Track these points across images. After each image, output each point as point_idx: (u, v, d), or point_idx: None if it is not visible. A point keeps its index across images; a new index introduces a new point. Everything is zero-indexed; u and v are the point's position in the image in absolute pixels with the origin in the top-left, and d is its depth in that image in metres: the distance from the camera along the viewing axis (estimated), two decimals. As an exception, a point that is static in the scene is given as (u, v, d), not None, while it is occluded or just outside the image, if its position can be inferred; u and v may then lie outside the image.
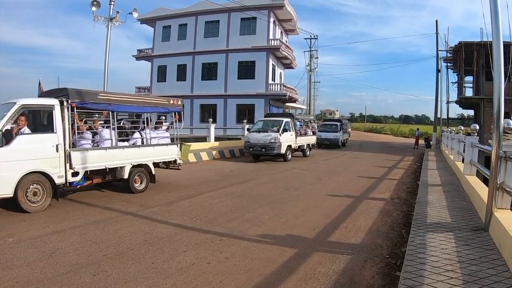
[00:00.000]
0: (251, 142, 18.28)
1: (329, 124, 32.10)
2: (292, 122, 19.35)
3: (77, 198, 8.71)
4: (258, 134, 18.46)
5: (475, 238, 4.96)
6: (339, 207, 8.49)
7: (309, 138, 22.03)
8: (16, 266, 4.63)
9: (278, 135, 17.75)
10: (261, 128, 19.11)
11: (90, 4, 15.10)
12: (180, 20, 39.12)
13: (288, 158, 18.67)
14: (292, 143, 19.04)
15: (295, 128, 19.54)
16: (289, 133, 18.80)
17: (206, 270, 4.70)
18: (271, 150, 17.66)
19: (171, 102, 11.06)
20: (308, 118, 24.04)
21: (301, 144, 20.50)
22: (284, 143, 18.06)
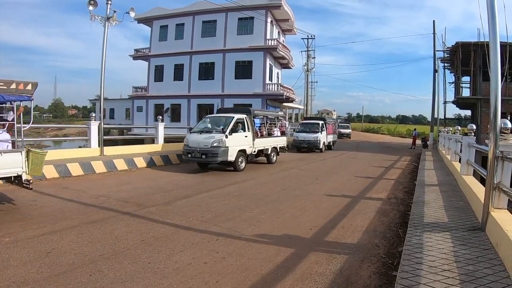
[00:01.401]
0: (190, 146, 14.01)
1: (309, 124, 27.25)
2: (248, 120, 15.15)
3: (74, 198, 8.68)
4: (198, 136, 14.11)
5: (472, 238, 4.97)
6: (336, 207, 8.49)
7: (274, 140, 17.93)
8: (12, 266, 4.61)
9: (224, 137, 13.49)
10: (205, 128, 14.93)
11: (87, 3, 15.05)
12: (177, 20, 39.16)
13: (241, 167, 14.38)
14: (246, 147, 14.86)
15: (253, 128, 15.38)
16: (241, 134, 14.65)
17: (203, 270, 4.69)
18: (214, 157, 13.42)
19: (12, 87, 7.13)
20: (274, 114, 19.38)
21: (264, 148, 16.64)
22: (234, 148, 13.90)
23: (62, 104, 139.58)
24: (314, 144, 25.11)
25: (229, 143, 13.68)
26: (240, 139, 14.59)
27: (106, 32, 15.71)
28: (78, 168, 12.23)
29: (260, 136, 16.39)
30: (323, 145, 25.64)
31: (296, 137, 25.81)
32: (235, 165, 14.17)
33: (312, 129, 26.00)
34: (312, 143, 25.16)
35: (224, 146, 13.50)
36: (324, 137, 25.93)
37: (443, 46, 31.59)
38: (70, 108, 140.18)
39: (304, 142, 25.31)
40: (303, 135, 25.63)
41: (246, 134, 14.98)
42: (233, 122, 14.26)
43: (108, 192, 9.58)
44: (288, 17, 39.33)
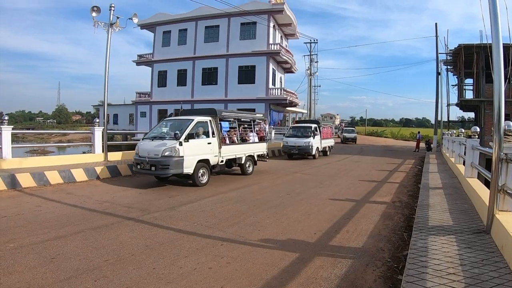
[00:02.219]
0: (140, 155, 11.63)
1: (300, 127, 24.62)
2: (213, 123, 12.73)
3: (78, 204, 8.70)
4: (149, 144, 11.71)
5: (477, 240, 4.94)
6: (341, 211, 8.48)
7: (250, 147, 15.35)
8: (17, 271, 4.62)
9: (177, 144, 11.08)
10: (159, 134, 12.37)
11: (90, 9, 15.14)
12: (180, 25, 39.37)
13: (202, 180, 11.87)
14: (210, 155, 12.39)
15: (219, 132, 12.98)
16: (202, 141, 12.22)
17: (208, 275, 4.68)
18: (164, 168, 10.97)
19: None
20: (250, 117, 16.32)
21: (236, 157, 14.30)
22: (191, 157, 11.44)
23: (66, 110, 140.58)
24: (306, 149, 22.80)
25: (185, 151, 11.22)
26: (201, 146, 12.09)
27: (110, 38, 15.79)
28: (82, 174, 12.26)
29: (230, 143, 14.16)
30: (316, 151, 23.52)
31: (286, 143, 23.64)
32: (193, 178, 11.61)
33: (303, 133, 23.62)
34: (303, 149, 22.85)
35: (177, 156, 11.05)
36: (317, 142, 23.76)
37: (446, 49, 31.59)
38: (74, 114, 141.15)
39: (295, 147, 22.99)
40: (293, 140, 23.32)
41: (209, 141, 12.45)
42: (191, 126, 11.73)
43: (112, 197, 9.60)
44: (291, 21, 39.44)
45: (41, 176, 11.10)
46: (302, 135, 23.46)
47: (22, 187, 10.41)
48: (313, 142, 22.92)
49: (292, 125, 28.56)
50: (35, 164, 12.61)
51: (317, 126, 24.37)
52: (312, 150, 22.80)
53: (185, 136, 11.33)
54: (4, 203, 8.63)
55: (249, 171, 15.08)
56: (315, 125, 24.42)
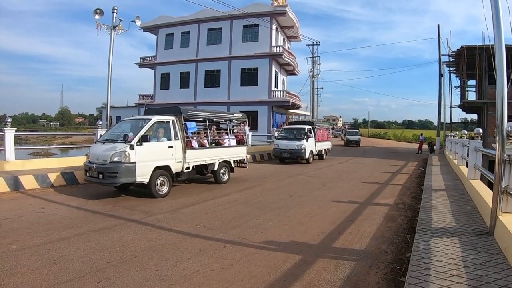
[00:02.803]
0: (90, 161, 10.20)
1: (292, 129, 23.14)
2: (176, 123, 10.97)
3: (81, 206, 8.72)
4: (100, 147, 10.22)
5: (480, 242, 4.93)
6: (344, 213, 8.46)
7: (225, 151, 13.38)
8: (20, 273, 4.63)
9: (127, 148, 9.42)
10: (113, 136, 10.75)
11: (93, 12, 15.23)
12: (182, 28, 39.44)
13: (161, 191, 10.11)
14: (171, 161, 10.58)
15: (184, 134, 11.10)
16: (161, 144, 10.53)
17: (210, 277, 4.68)
18: (112, 177, 9.32)
19: None
20: (225, 116, 14.43)
21: (207, 163, 12.38)
22: (146, 164, 9.76)
23: (69, 112, 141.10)
24: (298, 153, 21.20)
25: (138, 156, 9.54)
26: (159, 151, 10.37)
27: (112, 40, 15.86)
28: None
29: (199, 147, 12.16)
30: (310, 155, 21.85)
31: (277, 146, 22.08)
32: (150, 188, 9.89)
33: (295, 135, 22.05)
34: (295, 152, 21.24)
35: (127, 162, 9.39)
36: (311, 145, 22.17)
37: (448, 50, 31.62)
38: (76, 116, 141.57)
39: (286, 151, 21.41)
40: (284, 143, 21.69)
41: (170, 144, 10.68)
42: (147, 127, 10.01)
43: (115, 199, 9.62)
44: (293, 23, 39.48)
45: (44, 178, 11.12)
46: (295, 138, 21.90)
47: (25, 189, 10.43)
48: (306, 145, 21.33)
49: (284, 127, 26.60)
50: (38, 166, 12.64)
51: (311, 127, 22.76)
52: (305, 154, 21.25)
53: (138, 138, 9.65)
54: (7, 205, 8.66)
55: (223, 180, 13.03)
56: (309, 126, 22.83)
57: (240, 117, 14.95)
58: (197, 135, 12.47)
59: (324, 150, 24.85)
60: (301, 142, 21.24)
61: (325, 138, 25.40)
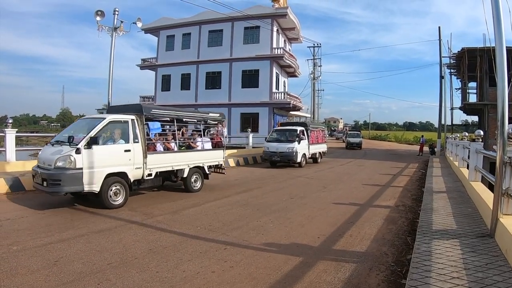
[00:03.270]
0: (38, 164, 9.00)
1: (283, 131, 21.83)
2: (136, 124, 9.58)
3: (82, 207, 8.72)
4: (48, 150, 8.95)
5: (481, 244, 4.92)
6: (344, 215, 8.46)
7: (195, 155, 11.78)
8: (20, 274, 4.63)
9: (73, 152, 8.17)
10: (63, 138, 9.06)
11: (95, 14, 15.26)
12: (183, 30, 39.42)
13: (115, 201, 8.86)
14: (128, 167, 9.23)
15: (145, 136, 9.72)
16: (117, 147, 9.12)
17: (211, 279, 4.68)
18: (55, 185, 8.08)
19: None
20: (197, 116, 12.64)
21: (177, 169, 11.00)
22: (96, 170, 8.48)
23: (70, 113, 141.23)
24: (289, 156, 19.88)
25: (85, 162, 8.29)
26: (113, 155, 8.99)
27: (114, 42, 15.89)
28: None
29: (165, 150, 10.75)
30: (303, 158, 20.58)
31: (267, 148, 20.59)
32: (102, 198, 8.59)
33: (287, 137, 20.77)
34: (286, 155, 19.92)
35: (73, 168, 8.13)
36: (304, 148, 20.94)
37: (449, 52, 31.58)
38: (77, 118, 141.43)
39: (276, 154, 20.05)
40: (275, 145, 20.33)
41: (127, 147, 9.26)
42: (99, 128, 8.70)
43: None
44: (294, 25, 39.48)
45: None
46: (286, 140, 20.56)
47: (26, 190, 10.44)
48: (298, 147, 20.07)
49: (275, 128, 24.71)
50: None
51: (304, 129, 21.55)
52: (297, 157, 19.92)
53: (86, 141, 8.36)
54: (7, 206, 8.66)
55: (195, 188, 11.54)
56: (301, 128, 21.56)
57: (217, 117, 13.16)
58: (162, 137, 11.05)
59: (318, 153, 23.66)
60: (293, 145, 19.94)
61: (320, 141, 24.28)
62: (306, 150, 21.23)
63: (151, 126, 10.40)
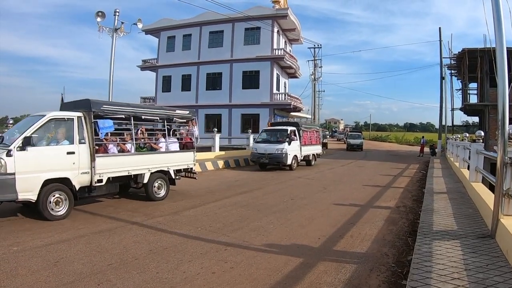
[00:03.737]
0: None
1: (273, 131, 20.61)
2: (84, 122, 8.48)
3: (82, 208, 8.71)
4: None
5: (481, 245, 4.91)
6: (345, 216, 8.45)
7: (158, 158, 10.32)
8: (21, 275, 4.63)
9: (3, 155, 7.06)
10: None
11: (95, 15, 15.28)
12: (184, 31, 39.42)
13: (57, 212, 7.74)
14: (72, 172, 8.08)
15: (92, 137, 8.50)
16: (57, 149, 7.96)
17: (211, 279, 4.67)
18: None
19: None
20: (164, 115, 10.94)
21: (135, 174, 9.64)
22: (32, 176, 7.35)
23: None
24: (278, 158, 18.52)
25: (19, 166, 7.15)
26: (52, 158, 7.78)
27: (114, 43, 15.91)
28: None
29: (119, 152, 9.40)
30: (294, 160, 19.29)
31: (255, 149, 19.41)
32: (40, 207, 7.46)
33: (277, 138, 19.49)
34: (275, 157, 18.55)
35: (3, 173, 7.00)
36: (295, 149, 19.59)
37: (450, 53, 31.55)
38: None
39: (264, 156, 18.71)
40: (263, 147, 19.06)
41: (70, 149, 8.10)
42: (36, 127, 7.60)
43: (116, 202, 9.61)
44: (295, 26, 39.47)
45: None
46: (276, 141, 19.21)
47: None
48: (289, 149, 18.70)
49: (264, 128, 22.93)
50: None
51: (295, 129, 20.30)
52: (287, 159, 18.55)
53: (19, 141, 7.22)
54: (8, 206, 8.65)
55: (158, 195, 10.04)
56: (292, 128, 20.26)
57: (186, 114, 11.58)
58: (116, 138, 9.59)
59: (312, 155, 22.27)
60: (282, 146, 18.58)
61: (313, 142, 23.04)
62: (298, 152, 19.95)
63: (101, 124, 8.85)
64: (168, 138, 10.79)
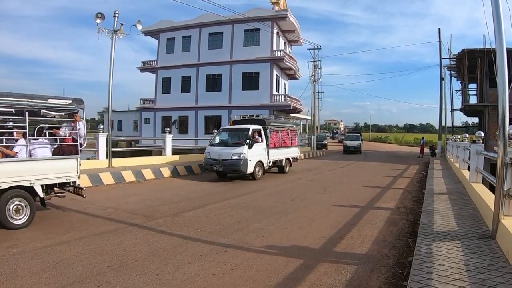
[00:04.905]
0: None
1: (233, 131, 16.79)
2: None
3: (82, 209, 8.70)
4: None
5: (482, 246, 4.90)
6: (345, 217, 8.43)
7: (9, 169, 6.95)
8: (20, 276, 4.62)
9: None
10: None
11: (95, 16, 15.26)
12: (184, 32, 39.47)
13: None
14: None
15: None
16: None
17: (211, 281, 4.66)
18: None
19: None
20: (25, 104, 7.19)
21: None
22: None
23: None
24: (234, 165, 14.55)
25: None
26: None
27: (114, 44, 15.90)
28: (86, 180, 12.24)
29: None
30: (258, 167, 15.24)
31: (208, 154, 15.33)
32: None
33: (237, 139, 15.63)
34: (230, 165, 14.64)
35: None
36: (259, 154, 15.50)
37: (449, 54, 31.57)
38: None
39: (218, 163, 14.78)
40: (217, 151, 15.09)
41: None
42: None
43: (116, 203, 9.60)
44: (294, 28, 39.50)
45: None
46: (233, 143, 15.43)
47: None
48: (249, 153, 14.66)
49: (222, 128, 18.75)
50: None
51: (261, 128, 16.07)
52: (247, 167, 14.51)
53: None
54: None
55: (17, 222, 6.89)
56: (257, 127, 15.98)
57: (64, 105, 8.03)
58: None
59: (286, 160, 17.98)
60: (241, 150, 14.55)
61: (287, 143, 18.51)
62: (263, 157, 15.81)
63: None
64: (34, 139, 7.67)
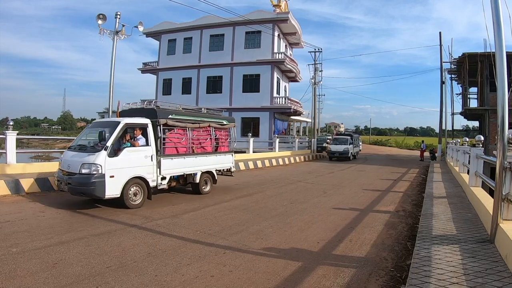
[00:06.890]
0: None
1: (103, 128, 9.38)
2: None
3: (82, 210, 8.70)
4: None
5: (480, 250, 4.91)
6: (344, 221, 8.44)
7: None
8: (19, 276, 4.62)
9: None
10: None
11: (96, 17, 15.31)
12: (185, 34, 39.54)
13: None
14: None
15: None
16: None
17: (210, 283, 4.66)
18: None
19: None
20: None
21: None
22: None
23: (71, 117, 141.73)
24: (82, 185, 8.43)
25: None
26: None
27: (115, 45, 15.93)
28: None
29: None
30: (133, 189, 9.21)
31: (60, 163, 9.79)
32: None
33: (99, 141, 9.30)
34: (77, 184, 8.51)
35: None
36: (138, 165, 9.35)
37: (450, 58, 31.63)
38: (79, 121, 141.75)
39: (63, 179, 8.88)
40: (69, 158, 9.19)
41: None
42: None
43: (115, 203, 9.58)
44: (295, 30, 39.58)
45: (45, 181, 11.13)
46: (91, 147, 9.46)
47: (26, 192, 10.43)
48: (109, 165, 8.67)
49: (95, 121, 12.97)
50: (39, 170, 12.65)
51: (147, 123, 9.96)
52: (103, 188, 8.49)
53: None
54: (7, 208, 8.66)
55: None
56: (136, 120, 9.90)
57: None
58: None
59: (204, 175, 11.87)
60: (92, 158, 8.62)
61: (207, 149, 12.20)
62: (147, 170, 9.67)
63: None
64: None
